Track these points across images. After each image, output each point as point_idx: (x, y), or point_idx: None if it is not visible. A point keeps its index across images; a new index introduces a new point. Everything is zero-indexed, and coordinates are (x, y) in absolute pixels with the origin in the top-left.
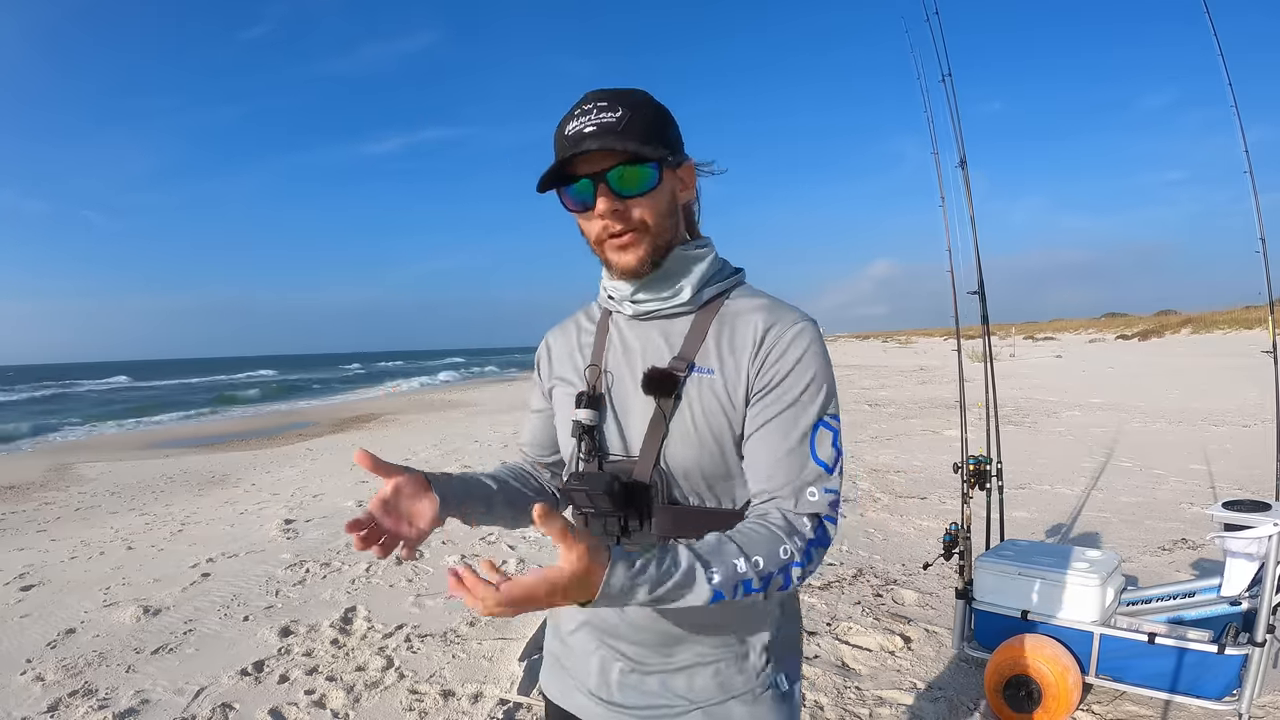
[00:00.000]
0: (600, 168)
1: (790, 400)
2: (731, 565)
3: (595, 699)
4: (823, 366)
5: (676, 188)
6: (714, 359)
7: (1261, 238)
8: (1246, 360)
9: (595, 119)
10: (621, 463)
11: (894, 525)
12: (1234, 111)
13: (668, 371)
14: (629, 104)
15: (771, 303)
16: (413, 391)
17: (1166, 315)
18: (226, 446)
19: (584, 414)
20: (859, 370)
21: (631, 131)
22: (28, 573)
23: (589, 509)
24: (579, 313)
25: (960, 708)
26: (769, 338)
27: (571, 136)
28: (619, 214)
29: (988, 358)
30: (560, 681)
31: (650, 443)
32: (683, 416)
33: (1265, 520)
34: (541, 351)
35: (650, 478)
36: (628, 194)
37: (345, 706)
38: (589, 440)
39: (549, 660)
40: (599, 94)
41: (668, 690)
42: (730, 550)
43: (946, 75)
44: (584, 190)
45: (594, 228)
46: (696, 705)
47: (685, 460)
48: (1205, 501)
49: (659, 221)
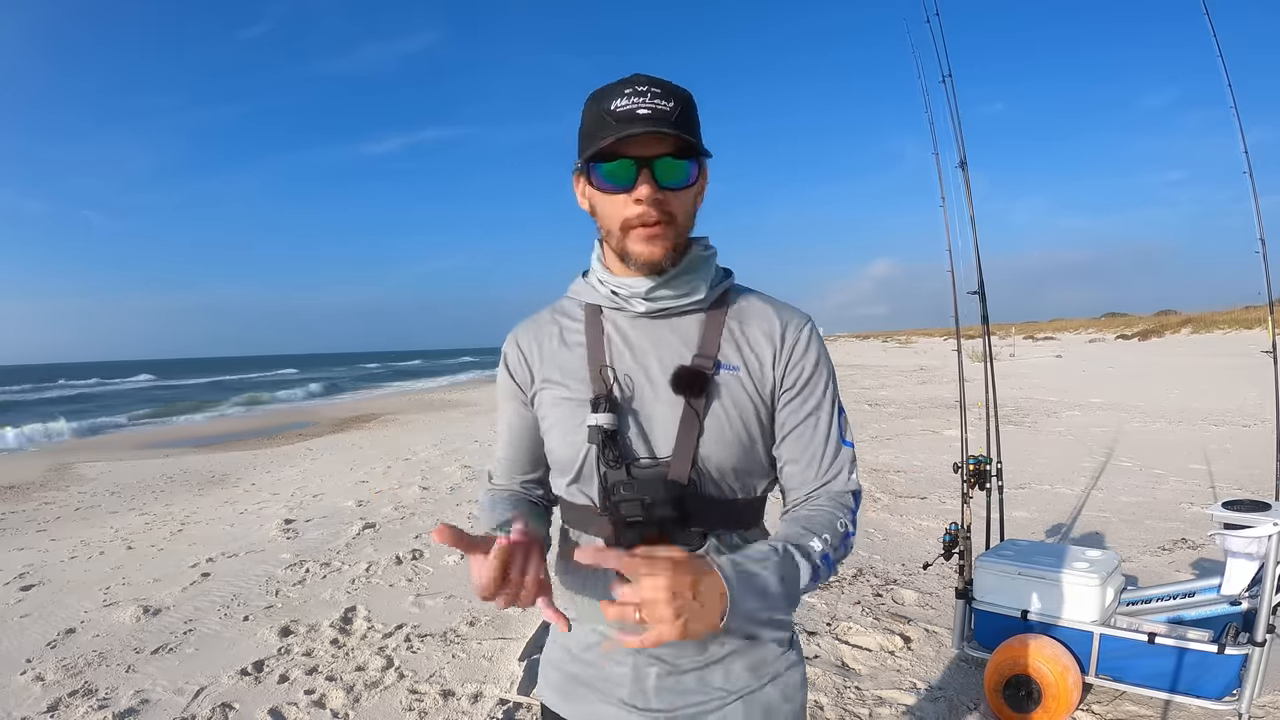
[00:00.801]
0: (648, 153)
1: (818, 398)
2: (814, 547)
3: (630, 708)
4: (828, 358)
5: (700, 189)
6: (736, 356)
7: (1261, 238)
8: (1246, 360)
9: (650, 103)
10: (652, 466)
11: (894, 525)
12: (1234, 112)
13: (699, 370)
14: (679, 97)
15: (774, 301)
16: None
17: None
18: (226, 446)
19: (604, 418)
20: (859, 370)
21: (683, 124)
22: (28, 572)
23: (637, 517)
24: (550, 310)
25: (960, 708)
26: (788, 337)
27: (622, 115)
28: (659, 203)
29: (988, 357)
30: (577, 697)
31: (685, 442)
32: (715, 414)
33: (1265, 520)
34: (514, 353)
35: (689, 477)
36: (668, 185)
37: (345, 706)
38: (613, 446)
39: (558, 679)
40: (650, 79)
41: (705, 685)
42: (807, 534)
43: (947, 76)
44: (624, 171)
45: (626, 211)
46: (736, 695)
47: (719, 457)
48: (1205, 501)
49: (686, 218)
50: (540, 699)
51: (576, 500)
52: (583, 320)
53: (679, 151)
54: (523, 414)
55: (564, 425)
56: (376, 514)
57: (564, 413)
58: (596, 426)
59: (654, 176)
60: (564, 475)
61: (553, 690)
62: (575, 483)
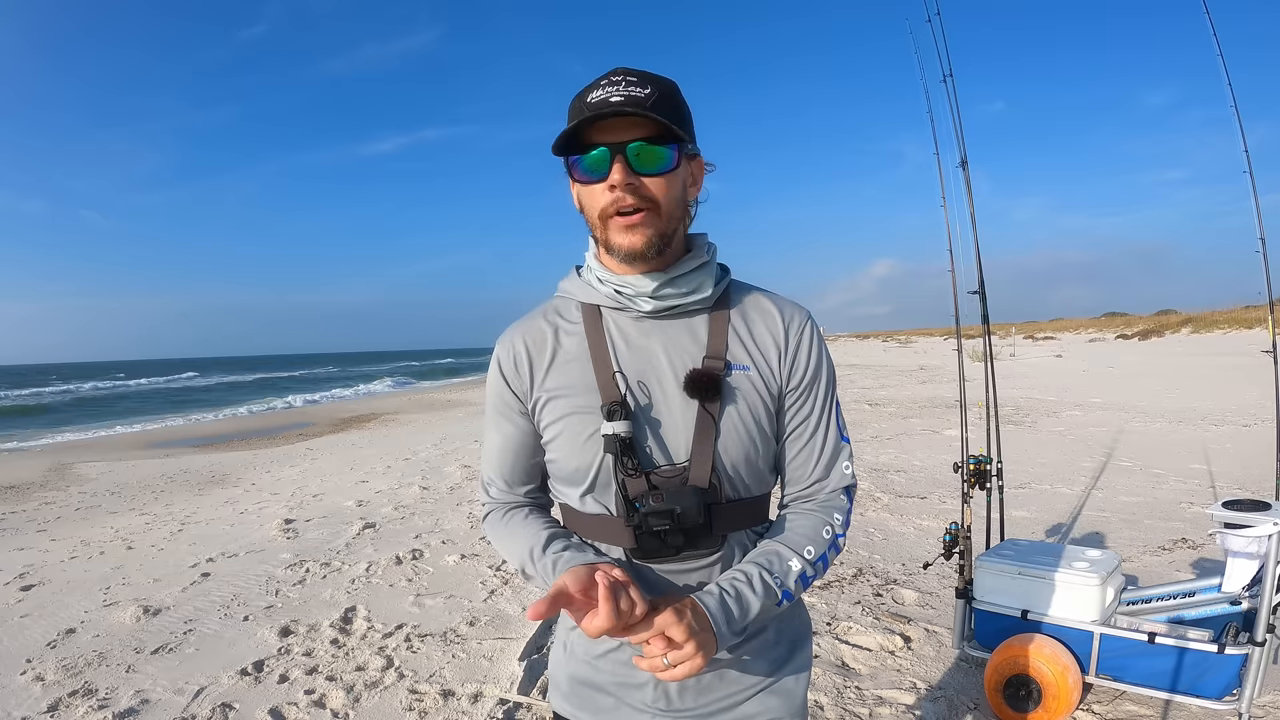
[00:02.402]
0: (621, 139)
1: (821, 395)
2: (789, 567)
3: (653, 711)
4: (828, 352)
5: (688, 179)
6: (744, 355)
7: (1261, 238)
8: (1246, 360)
9: (623, 90)
10: (671, 471)
11: (894, 525)
12: (1234, 111)
13: (711, 372)
14: (658, 85)
15: (774, 296)
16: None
17: (1166, 315)
18: (226, 446)
19: (620, 426)
20: (859, 370)
21: (659, 109)
22: (28, 573)
23: (664, 527)
24: (543, 311)
25: (960, 707)
26: (791, 335)
27: (597, 103)
28: (633, 189)
29: (988, 357)
30: (598, 705)
31: (702, 445)
32: (729, 415)
33: (1265, 520)
34: (507, 360)
35: (709, 481)
36: (645, 171)
37: (345, 706)
38: (630, 455)
39: (571, 686)
40: (628, 70)
41: (725, 682)
42: (786, 554)
43: (948, 76)
44: (599, 160)
45: (602, 200)
46: (757, 687)
47: (735, 458)
48: (1205, 501)
49: (670, 206)
50: (554, 709)
51: (592, 510)
52: (580, 322)
53: (656, 137)
54: (521, 425)
55: (574, 436)
56: (376, 514)
57: (573, 423)
58: (614, 435)
59: (628, 162)
60: (575, 486)
61: (568, 700)
62: (590, 493)
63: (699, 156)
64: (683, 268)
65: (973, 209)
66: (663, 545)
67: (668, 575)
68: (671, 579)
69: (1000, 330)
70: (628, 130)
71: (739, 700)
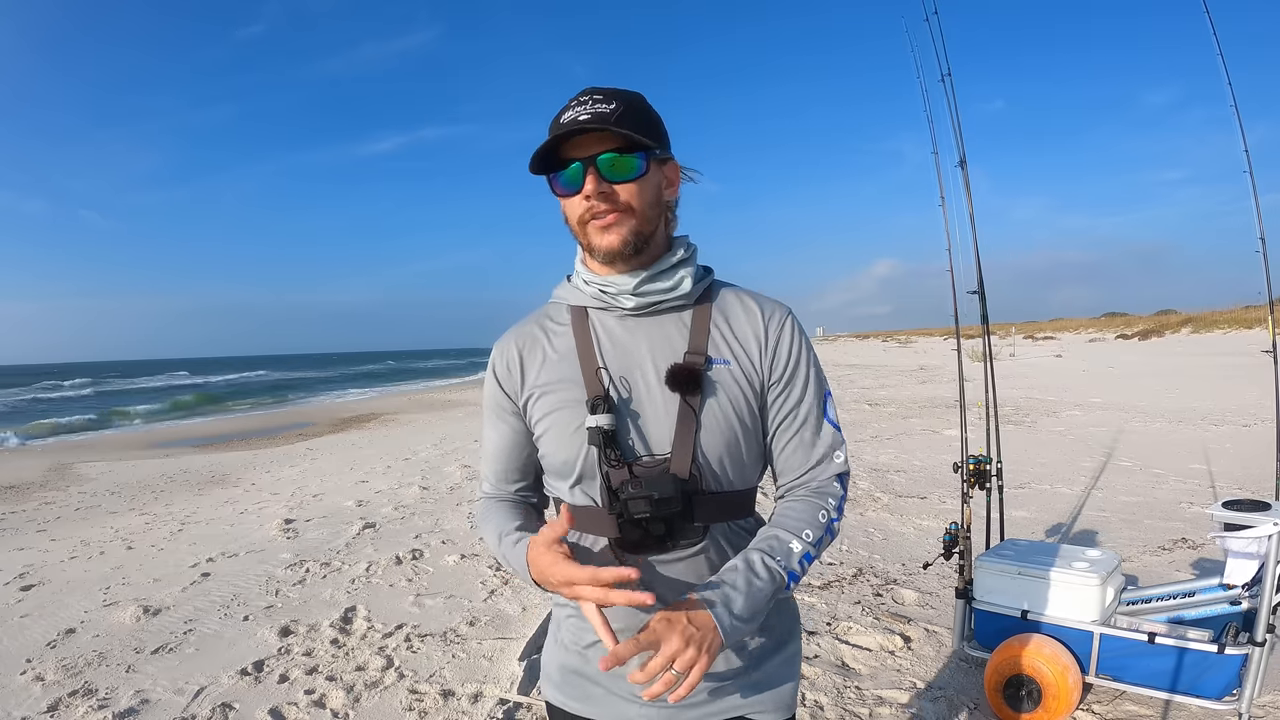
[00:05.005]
0: (591, 153)
1: (803, 386)
2: (790, 549)
3: (642, 700)
4: (811, 345)
5: (662, 182)
6: (725, 349)
7: (1261, 237)
8: (1246, 360)
9: (590, 109)
10: (652, 462)
11: (894, 525)
12: (1234, 110)
13: (692, 367)
14: (623, 99)
15: (754, 295)
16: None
17: (1166, 315)
18: (226, 446)
19: (603, 419)
20: (859, 370)
21: (624, 122)
22: (28, 573)
23: (645, 514)
24: (534, 317)
25: (960, 707)
26: (771, 329)
27: (566, 122)
28: (605, 195)
29: (988, 357)
30: (587, 694)
31: (683, 438)
32: (710, 409)
33: (1265, 520)
34: (501, 363)
35: (689, 472)
36: (617, 179)
37: (345, 706)
38: (613, 446)
39: (562, 676)
40: (596, 89)
41: (712, 673)
42: (785, 536)
43: (946, 75)
44: (574, 174)
45: (580, 208)
46: (745, 678)
47: (717, 450)
48: (1205, 501)
49: (644, 208)
50: (546, 699)
51: (580, 502)
52: (569, 323)
53: (624, 148)
54: (513, 424)
55: (561, 429)
56: (376, 514)
57: (560, 417)
58: (596, 428)
59: (600, 173)
60: (565, 479)
61: (560, 690)
62: (578, 485)
63: (672, 160)
64: (662, 264)
65: (971, 208)
66: (645, 535)
67: (652, 566)
68: (657, 570)
69: (1000, 330)
70: (598, 144)
71: (727, 691)
